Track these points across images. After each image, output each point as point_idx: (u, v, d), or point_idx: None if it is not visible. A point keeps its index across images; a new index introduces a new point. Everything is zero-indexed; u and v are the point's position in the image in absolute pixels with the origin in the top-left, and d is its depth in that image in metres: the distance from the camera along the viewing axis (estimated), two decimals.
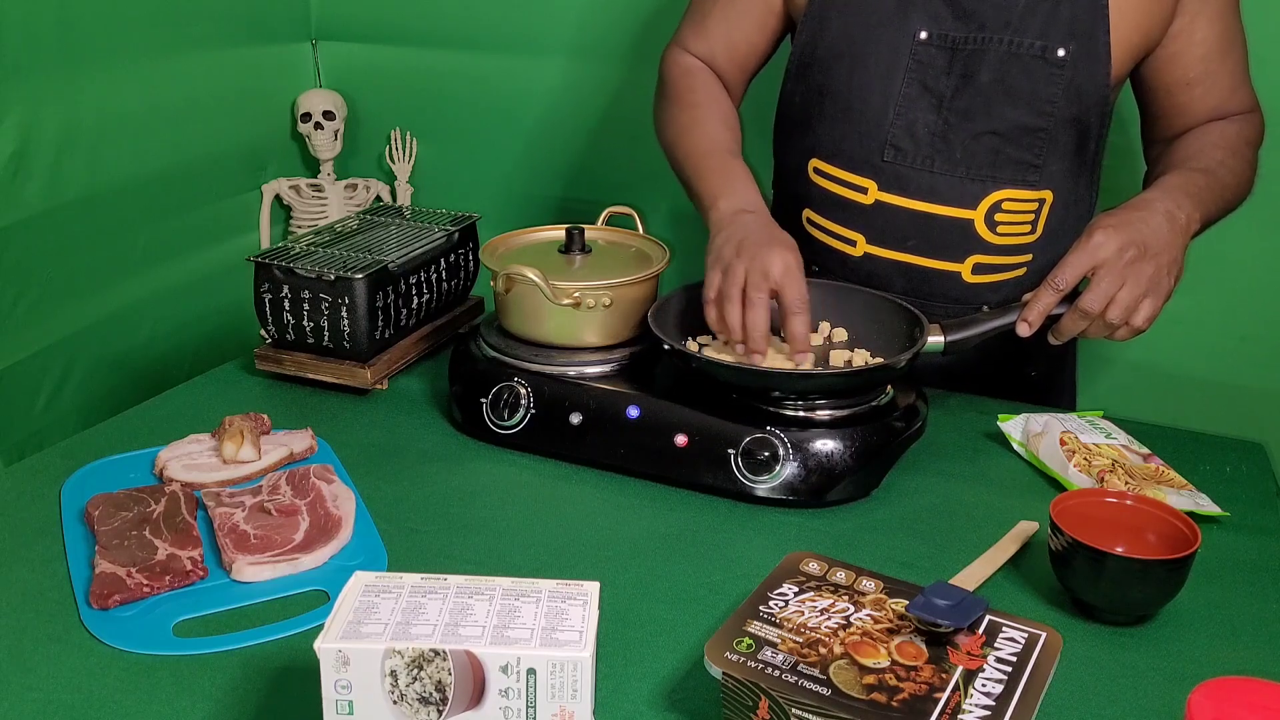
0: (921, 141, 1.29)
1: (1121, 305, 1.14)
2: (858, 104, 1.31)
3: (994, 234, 1.30)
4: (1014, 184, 1.28)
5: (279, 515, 1.02)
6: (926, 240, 1.31)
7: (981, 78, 1.26)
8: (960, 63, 1.26)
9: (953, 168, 1.28)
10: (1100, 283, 1.14)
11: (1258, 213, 1.64)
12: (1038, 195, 1.29)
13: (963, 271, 1.31)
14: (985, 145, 1.27)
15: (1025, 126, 1.26)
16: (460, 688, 0.68)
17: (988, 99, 1.26)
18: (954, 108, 1.27)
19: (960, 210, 1.29)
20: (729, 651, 0.77)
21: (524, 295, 1.19)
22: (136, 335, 1.88)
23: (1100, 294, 1.14)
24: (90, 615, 0.89)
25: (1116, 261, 1.14)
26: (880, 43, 1.29)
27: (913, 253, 1.32)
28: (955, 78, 1.27)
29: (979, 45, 1.25)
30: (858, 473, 1.09)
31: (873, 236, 1.33)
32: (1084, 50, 1.24)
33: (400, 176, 2.21)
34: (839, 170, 1.34)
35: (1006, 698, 0.74)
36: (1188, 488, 1.11)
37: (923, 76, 1.28)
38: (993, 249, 1.31)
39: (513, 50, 2.06)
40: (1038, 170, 1.28)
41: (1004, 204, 1.29)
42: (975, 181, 1.28)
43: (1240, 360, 1.73)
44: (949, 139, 1.28)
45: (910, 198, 1.30)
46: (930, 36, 1.27)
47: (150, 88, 1.82)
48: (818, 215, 1.38)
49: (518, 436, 1.18)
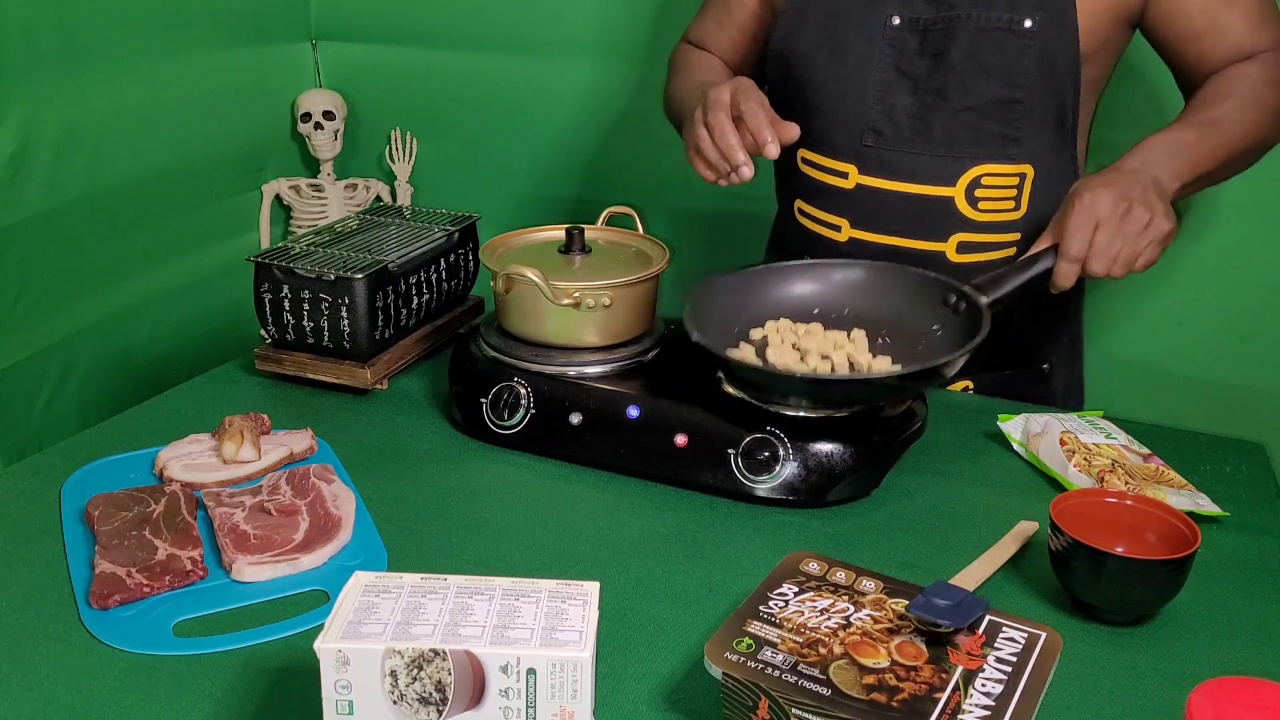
0: (901, 124, 1.31)
1: (1123, 261, 1.15)
2: (837, 93, 1.34)
3: (976, 210, 1.31)
4: (994, 159, 1.30)
5: (279, 515, 1.02)
6: (909, 221, 1.32)
7: (953, 55, 1.28)
8: (932, 43, 1.29)
9: (933, 147, 1.30)
10: (1099, 241, 1.14)
11: (1258, 213, 1.65)
12: (1018, 169, 1.30)
13: (946, 251, 1.32)
14: (964, 122, 1.29)
15: (1000, 100, 1.28)
16: (460, 688, 0.68)
17: (961, 76, 1.28)
18: (929, 88, 1.30)
19: (939, 188, 1.30)
20: (729, 651, 0.77)
21: (524, 295, 1.19)
22: (136, 335, 1.88)
23: (1104, 256, 1.14)
24: (90, 615, 0.89)
25: (1112, 217, 1.14)
26: (856, 31, 1.33)
27: (896, 235, 1.33)
28: (928, 58, 1.30)
29: (949, 24, 1.28)
30: (858, 473, 1.09)
31: (856, 221, 1.35)
32: (1051, 19, 1.25)
33: (400, 176, 2.21)
34: (822, 158, 1.37)
35: (1006, 698, 0.74)
36: (1188, 488, 1.11)
37: (897, 60, 1.31)
38: (976, 226, 1.32)
39: (513, 50, 2.06)
40: (1017, 144, 1.29)
41: (983, 179, 1.30)
42: (955, 159, 1.30)
43: (1240, 360, 1.73)
44: (927, 119, 1.30)
45: (889, 179, 1.32)
46: (903, 21, 1.30)
47: (150, 88, 1.82)
48: (806, 204, 1.41)
49: (518, 436, 1.18)
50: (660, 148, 1.85)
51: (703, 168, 1.24)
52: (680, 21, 1.60)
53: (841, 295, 1.21)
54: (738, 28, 1.49)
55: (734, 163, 1.19)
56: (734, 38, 1.51)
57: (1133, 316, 1.77)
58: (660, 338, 1.25)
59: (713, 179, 1.24)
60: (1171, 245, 1.19)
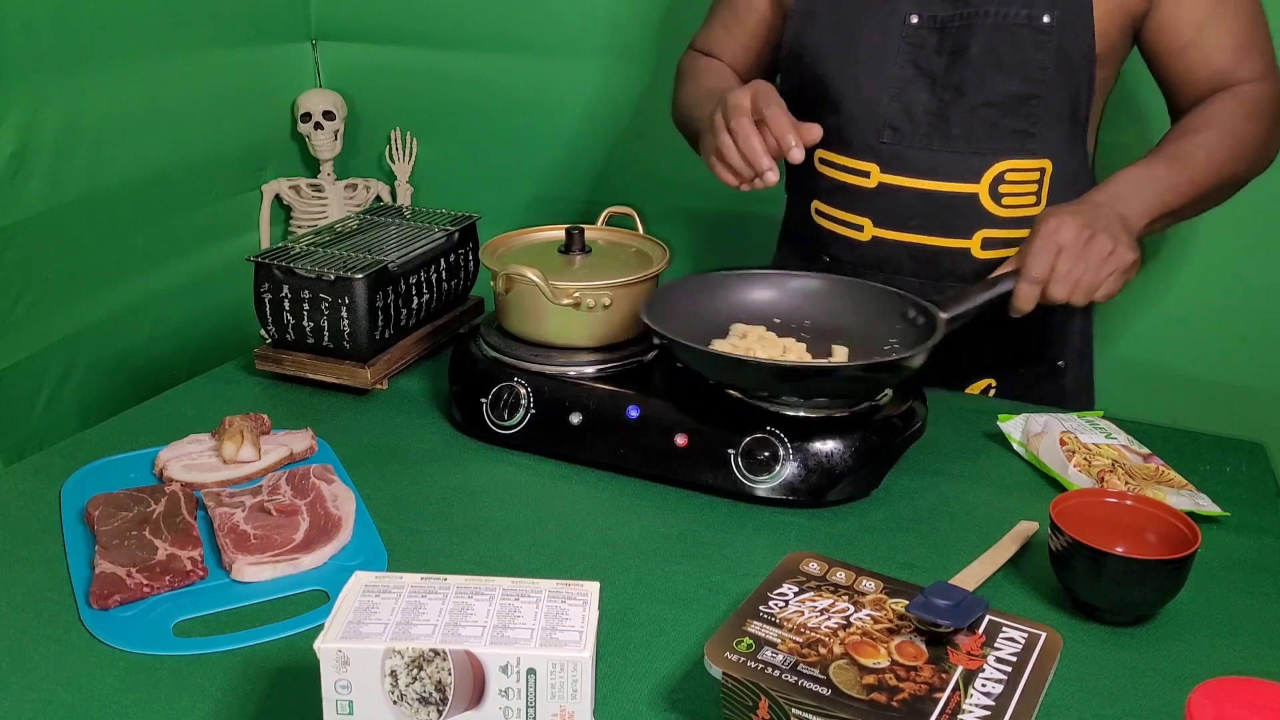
0: (919, 121, 1.31)
1: (1084, 288, 1.15)
2: (852, 91, 1.34)
3: (1000, 206, 1.31)
4: (1013, 154, 1.30)
5: (279, 515, 1.02)
6: (932, 218, 1.33)
7: (971, 51, 1.28)
8: (950, 40, 1.29)
9: (951, 143, 1.31)
10: (1061, 267, 1.14)
11: (1257, 213, 1.65)
12: (1038, 164, 1.31)
13: (971, 247, 1.33)
14: (981, 118, 1.29)
15: (1018, 95, 1.28)
16: (460, 688, 0.68)
17: (979, 71, 1.28)
18: (947, 84, 1.30)
19: (963, 185, 1.31)
20: (729, 651, 0.77)
21: (524, 295, 1.19)
22: (136, 335, 1.88)
23: (1065, 281, 1.14)
24: (90, 615, 0.89)
25: (1075, 244, 1.14)
26: (870, 30, 1.33)
27: (919, 232, 1.33)
28: (946, 55, 1.30)
29: (967, 20, 1.28)
30: (858, 473, 1.09)
31: (879, 219, 1.35)
32: (1068, 16, 1.26)
33: (400, 176, 2.21)
34: (841, 157, 1.36)
35: (1006, 698, 0.74)
36: (1188, 488, 1.11)
37: (915, 58, 1.31)
38: (1000, 222, 1.32)
39: (513, 50, 2.06)
40: (1034, 139, 1.30)
41: (1007, 175, 1.30)
42: (976, 155, 1.30)
43: (1240, 360, 1.73)
44: (945, 116, 1.30)
45: (912, 177, 1.32)
46: (921, 19, 1.30)
47: (150, 88, 1.82)
48: (825, 205, 1.40)
49: (518, 436, 1.18)
50: (661, 148, 1.85)
51: (726, 174, 1.23)
52: (682, 21, 1.60)
53: (801, 305, 1.22)
54: (747, 33, 1.49)
55: (759, 168, 1.19)
56: (743, 43, 1.50)
57: (1133, 317, 1.77)
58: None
59: (736, 184, 1.23)
60: (1173, 244, 1.19)
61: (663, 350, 1.23)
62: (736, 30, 1.50)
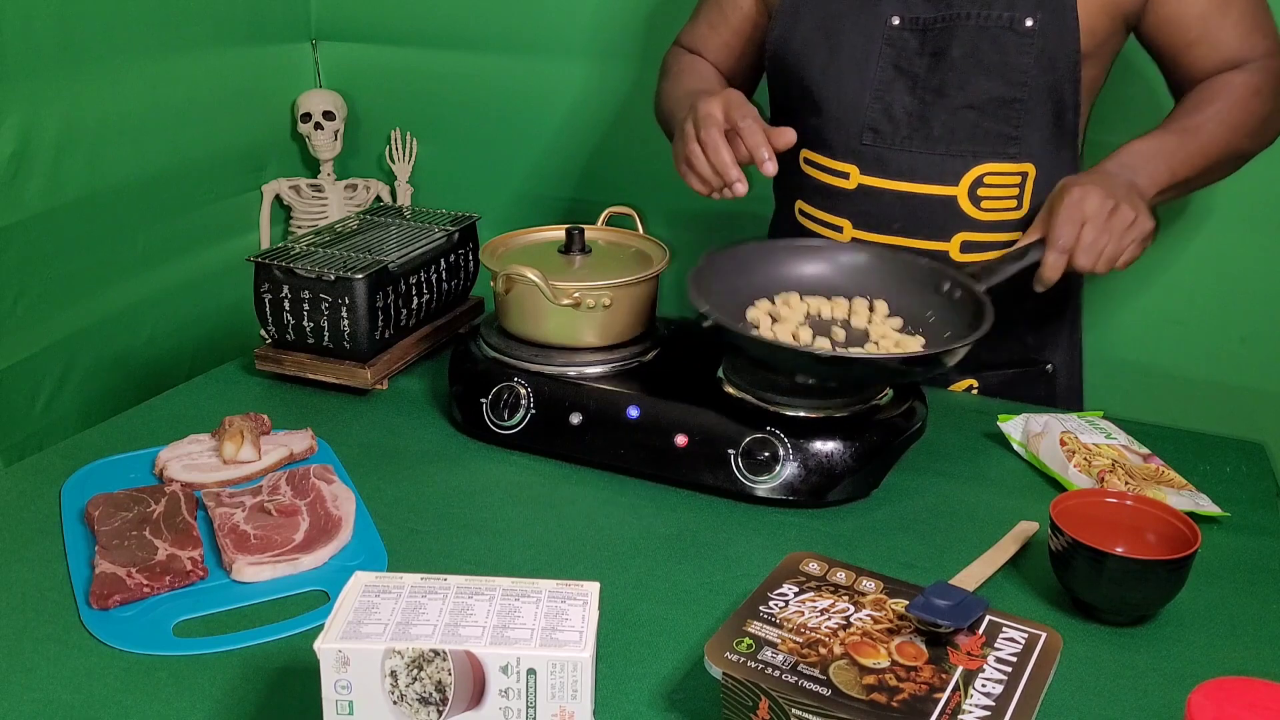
0: (899, 122, 1.31)
1: (1107, 258, 1.17)
2: (834, 92, 1.34)
3: (979, 210, 1.31)
4: (994, 157, 1.30)
5: (279, 515, 1.02)
6: (911, 221, 1.33)
7: (953, 53, 1.28)
8: (931, 42, 1.29)
9: (932, 146, 1.31)
10: (1086, 237, 1.17)
11: (1257, 213, 1.65)
12: (1019, 168, 1.31)
13: (950, 250, 1.32)
14: (963, 120, 1.29)
15: (1000, 98, 1.28)
16: (460, 688, 0.68)
17: (961, 74, 1.28)
18: (928, 86, 1.30)
19: (942, 188, 1.31)
20: (729, 652, 0.77)
21: (524, 295, 1.19)
22: (136, 335, 1.88)
23: (1090, 251, 1.17)
24: (90, 615, 0.89)
25: (1100, 213, 1.16)
26: (853, 30, 1.33)
27: (898, 235, 1.34)
28: (927, 57, 1.30)
29: (949, 23, 1.28)
30: (858, 473, 1.09)
31: (858, 221, 1.35)
32: (1052, 19, 1.26)
33: (400, 176, 2.21)
34: (823, 158, 1.36)
35: (1006, 698, 0.74)
36: (1188, 488, 1.11)
37: (896, 60, 1.31)
38: (979, 226, 1.32)
39: (513, 50, 2.06)
40: (1017, 143, 1.30)
41: (986, 178, 1.30)
42: (955, 158, 1.30)
43: (1240, 360, 1.73)
44: (926, 118, 1.30)
45: (891, 179, 1.32)
46: (902, 21, 1.30)
47: (150, 88, 1.82)
48: (808, 205, 1.41)
49: (518, 436, 1.18)
50: (660, 148, 1.83)
51: (695, 182, 1.25)
52: (681, 21, 1.60)
53: (841, 277, 1.23)
54: (732, 30, 1.49)
55: (728, 179, 1.20)
56: (728, 41, 1.50)
57: (1133, 317, 1.77)
58: (660, 338, 1.25)
59: (706, 193, 1.25)
60: (1171, 244, 1.20)
61: (663, 351, 1.23)
62: (722, 27, 1.50)
